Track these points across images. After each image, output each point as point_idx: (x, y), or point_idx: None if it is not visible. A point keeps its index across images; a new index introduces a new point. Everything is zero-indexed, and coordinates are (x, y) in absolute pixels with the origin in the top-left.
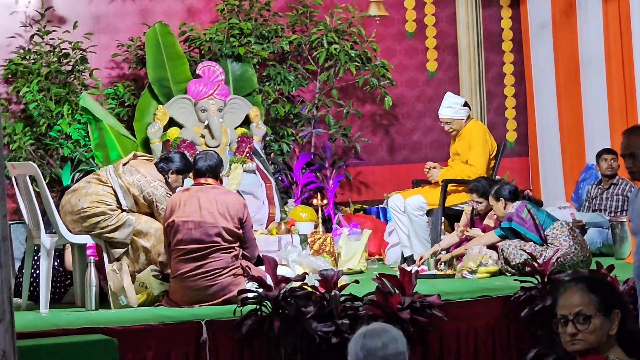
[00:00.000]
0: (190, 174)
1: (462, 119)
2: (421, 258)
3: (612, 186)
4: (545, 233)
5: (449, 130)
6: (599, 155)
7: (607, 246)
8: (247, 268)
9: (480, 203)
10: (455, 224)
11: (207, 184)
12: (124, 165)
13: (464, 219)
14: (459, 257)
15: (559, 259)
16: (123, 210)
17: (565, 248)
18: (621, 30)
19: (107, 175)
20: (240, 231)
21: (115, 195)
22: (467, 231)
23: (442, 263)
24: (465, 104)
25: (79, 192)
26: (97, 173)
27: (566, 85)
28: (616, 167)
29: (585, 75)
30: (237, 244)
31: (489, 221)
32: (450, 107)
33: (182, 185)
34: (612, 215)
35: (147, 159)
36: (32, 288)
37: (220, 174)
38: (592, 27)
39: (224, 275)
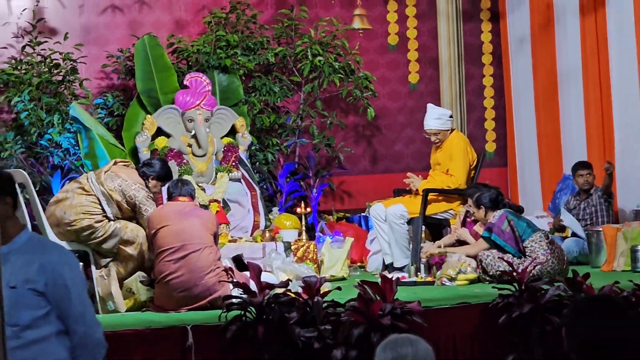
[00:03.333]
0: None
1: (448, 130)
2: (427, 252)
3: (589, 197)
4: (524, 245)
5: (435, 141)
6: (574, 170)
7: (584, 255)
8: (230, 272)
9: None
10: (453, 225)
11: (185, 202)
12: (105, 172)
13: (458, 220)
14: (440, 263)
15: (535, 268)
16: (109, 219)
17: (542, 260)
18: (598, 44)
19: (90, 183)
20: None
21: (100, 203)
22: (455, 231)
23: (421, 269)
24: (451, 116)
25: (63, 204)
26: (79, 181)
27: (544, 98)
28: (592, 181)
29: (563, 88)
30: (215, 246)
31: (479, 228)
32: (439, 119)
33: (160, 192)
34: (589, 224)
35: (126, 164)
36: None
37: (194, 195)
38: (570, 42)
39: (207, 276)
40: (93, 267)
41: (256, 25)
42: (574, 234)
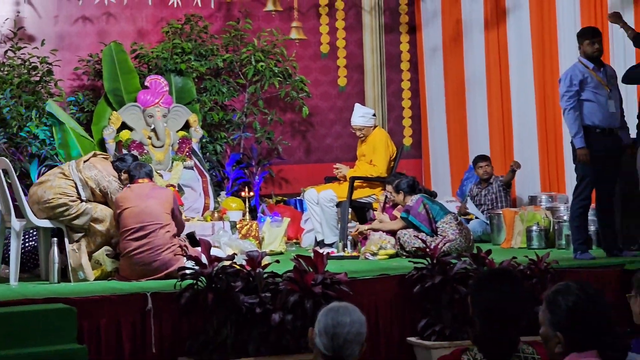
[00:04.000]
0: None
1: (371, 127)
2: (357, 229)
3: (489, 185)
4: (436, 225)
5: (360, 136)
6: (475, 163)
7: (486, 234)
8: (184, 247)
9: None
10: (375, 208)
11: (144, 183)
12: (84, 162)
13: (379, 204)
14: (364, 240)
15: (445, 245)
16: (82, 200)
17: (452, 238)
18: (500, 55)
19: (70, 169)
20: (172, 214)
21: (76, 187)
22: (377, 214)
23: (348, 246)
24: (374, 114)
25: (44, 185)
26: (61, 167)
27: (454, 100)
28: (490, 171)
29: (469, 91)
30: (172, 224)
31: (397, 212)
32: (364, 117)
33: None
34: (490, 209)
35: (104, 157)
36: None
37: (152, 175)
38: (476, 52)
39: (164, 252)
40: (66, 242)
41: (207, 34)
42: (476, 217)
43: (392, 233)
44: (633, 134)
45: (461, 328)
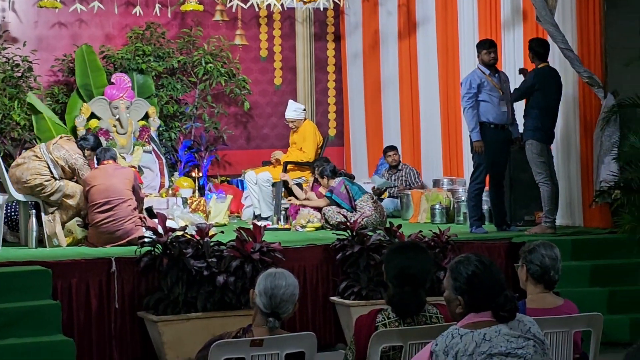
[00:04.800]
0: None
1: (302, 120)
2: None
3: (398, 171)
4: (355, 203)
5: (292, 127)
6: (385, 152)
7: (397, 211)
8: (143, 219)
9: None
10: (305, 187)
11: (109, 164)
12: (53, 144)
13: (309, 184)
14: (295, 215)
15: (363, 219)
16: (55, 179)
17: (368, 214)
18: (410, 61)
19: (41, 152)
20: (132, 190)
21: (49, 167)
22: (306, 193)
23: (281, 219)
24: (304, 109)
25: (21, 167)
26: (34, 150)
27: (371, 98)
28: (397, 159)
29: (384, 91)
30: (133, 199)
31: (323, 190)
32: (296, 111)
33: (93, 159)
34: (400, 190)
35: (68, 139)
36: None
37: (116, 158)
38: (391, 58)
39: (127, 223)
40: (43, 214)
41: (164, 39)
42: (390, 196)
43: (318, 209)
44: (521, 129)
45: (375, 289)
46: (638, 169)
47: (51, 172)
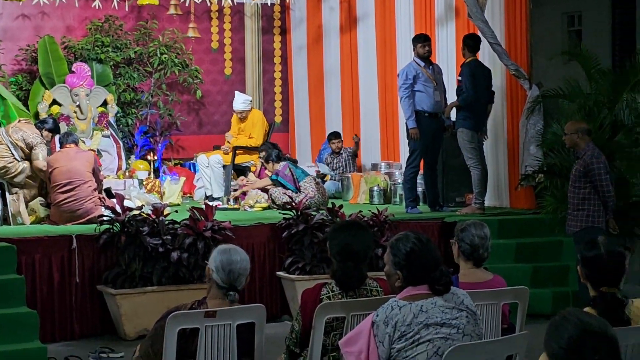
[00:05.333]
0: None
1: (249, 110)
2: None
3: (340, 156)
4: (299, 185)
5: (240, 117)
6: (329, 139)
7: (338, 192)
8: (102, 199)
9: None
10: (250, 173)
11: (71, 147)
12: (12, 127)
13: (257, 167)
14: (244, 195)
15: (307, 200)
16: (17, 160)
17: (311, 195)
18: (351, 53)
19: (1, 135)
20: (92, 172)
21: (9, 149)
22: (253, 176)
23: (231, 200)
24: (251, 100)
25: None
26: None
27: (315, 88)
28: (340, 145)
29: (327, 81)
30: (93, 180)
31: (269, 174)
32: (244, 103)
33: (51, 140)
34: (341, 173)
35: (26, 121)
36: None
37: (78, 142)
38: (333, 51)
39: (87, 202)
40: (7, 194)
41: (122, 31)
42: (331, 178)
43: (265, 190)
44: (453, 117)
45: (319, 265)
46: (560, 155)
47: (12, 154)
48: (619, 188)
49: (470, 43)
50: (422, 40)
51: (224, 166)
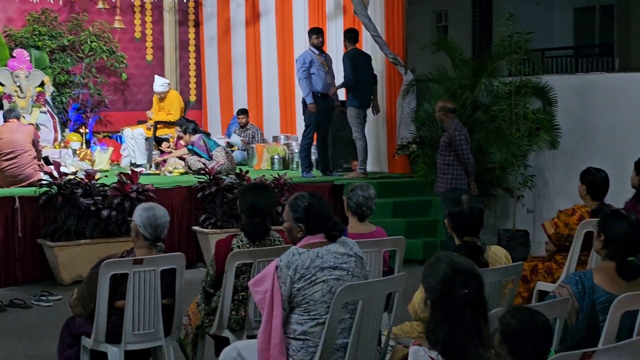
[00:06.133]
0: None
1: (167, 91)
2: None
3: (246, 130)
4: (212, 153)
5: (160, 97)
6: (238, 114)
7: (245, 160)
8: (41, 166)
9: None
10: (171, 142)
11: (14, 122)
12: None
13: (174, 139)
14: (164, 163)
15: (218, 167)
16: None
17: (222, 162)
18: (255, 44)
19: None
20: (32, 143)
21: None
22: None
23: (153, 166)
24: (169, 83)
25: None
26: None
27: (224, 72)
28: (246, 121)
29: (234, 67)
30: (33, 150)
31: (183, 143)
32: (162, 85)
33: None
34: (247, 143)
35: None
36: None
37: (19, 117)
38: (239, 41)
39: (28, 169)
40: None
41: (57, 22)
42: (239, 149)
43: (182, 158)
44: (342, 97)
45: (228, 220)
46: (430, 129)
47: None
48: (478, 156)
49: (349, 35)
50: (316, 32)
51: (146, 138)
